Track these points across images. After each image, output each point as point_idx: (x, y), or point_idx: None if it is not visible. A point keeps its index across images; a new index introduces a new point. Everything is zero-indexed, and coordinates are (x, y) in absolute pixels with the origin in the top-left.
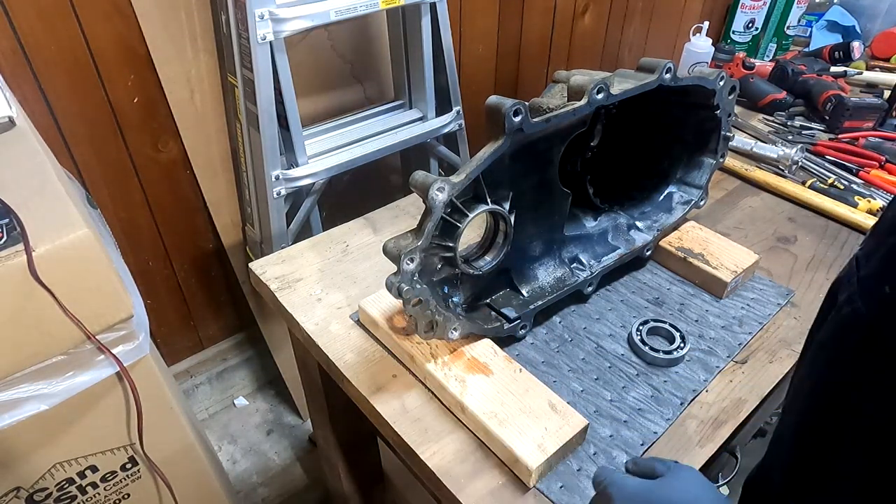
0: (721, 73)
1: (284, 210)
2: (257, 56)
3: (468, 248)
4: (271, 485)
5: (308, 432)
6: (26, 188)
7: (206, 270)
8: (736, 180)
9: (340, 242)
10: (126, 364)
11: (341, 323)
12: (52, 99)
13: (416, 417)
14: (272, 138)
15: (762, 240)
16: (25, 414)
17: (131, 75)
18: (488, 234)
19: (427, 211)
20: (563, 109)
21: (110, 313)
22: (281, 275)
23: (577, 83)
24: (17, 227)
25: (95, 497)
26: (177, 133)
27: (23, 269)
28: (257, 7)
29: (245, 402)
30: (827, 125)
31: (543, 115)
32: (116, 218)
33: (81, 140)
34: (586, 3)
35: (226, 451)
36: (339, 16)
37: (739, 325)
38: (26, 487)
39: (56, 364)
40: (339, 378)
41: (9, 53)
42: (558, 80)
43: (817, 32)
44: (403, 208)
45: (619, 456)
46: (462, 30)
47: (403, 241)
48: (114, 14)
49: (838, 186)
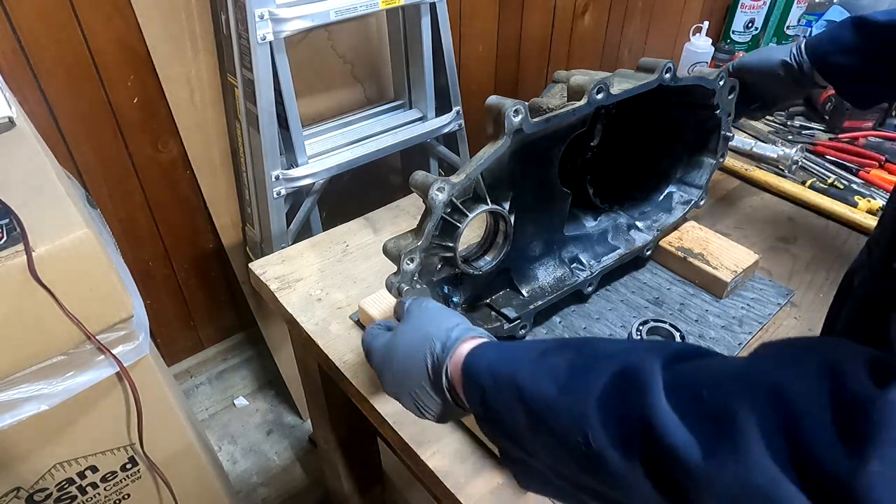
0: (721, 72)
1: (284, 210)
2: (257, 56)
3: (468, 248)
4: (271, 485)
5: (308, 432)
6: (26, 188)
7: (206, 270)
8: (736, 180)
9: (340, 242)
10: (126, 364)
11: (341, 323)
12: (52, 99)
13: (416, 417)
14: (272, 138)
15: (762, 240)
16: (25, 414)
17: (131, 75)
18: (488, 234)
19: (427, 211)
20: (562, 109)
21: (110, 313)
22: (281, 275)
23: (577, 83)
24: (17, 227)
25: (95, 497)
26: (177, 133)
27: (23, 269)
28: (257, 7)
29: (245, 402)
30: (827, 125)
31: (543, 115)
32: (116, 218)
33: (81, 140)
34: (586, 3)
35: (226, 451)
36: (339, 16)
37: (739, 325)
38: (26, 488)
39: (56, 364)
40: (339, 378)
41: (9, 53)
42: (558, 80)
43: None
44: (403, 208)
45: None
46: (462, 30)
47: (403, 241)
48: (114, 14)
49: (838, 186)
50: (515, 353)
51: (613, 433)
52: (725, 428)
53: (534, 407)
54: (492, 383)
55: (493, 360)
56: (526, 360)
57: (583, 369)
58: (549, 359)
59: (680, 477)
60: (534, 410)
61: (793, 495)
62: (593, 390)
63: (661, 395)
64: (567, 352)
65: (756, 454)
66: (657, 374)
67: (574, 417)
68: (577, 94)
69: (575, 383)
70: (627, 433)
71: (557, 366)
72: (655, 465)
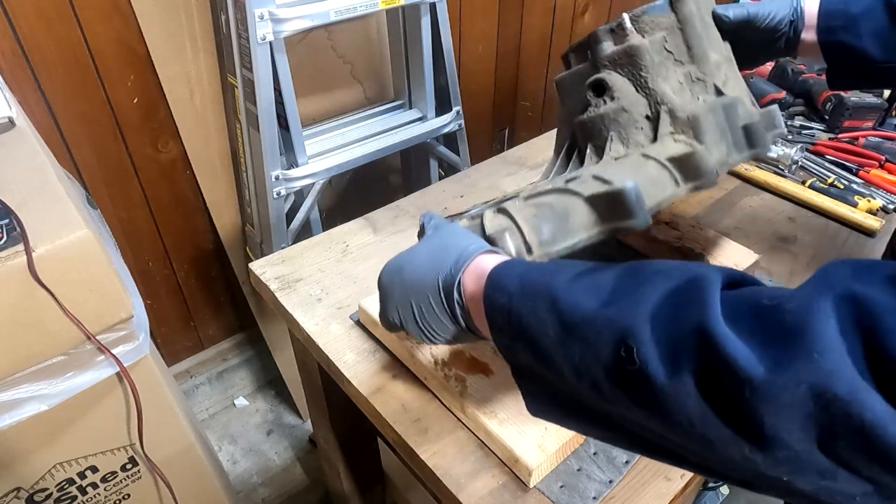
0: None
1: (284, 210)
2: (257, 56)
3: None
4: (271, 485)
5: (308, 432)
6: (26, 188)
7: (206, 270)
8: (736, 180)
9: (340, 242)
10: (126, 364)
11: (341, 323)
12: (52, 99)
13: (416, 417)
14: (272, 138)
15: (762, 240)
16: (26, 414)
17: (131, 75)
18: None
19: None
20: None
21: (110, 313)
22: (281, 275)
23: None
24: (17, 227)
25: (96, 497)
26: (177, 133)
27: (23, 270)
28: (257, 7)
29: (245, 403)
30: (827, 125)
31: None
32: (116, 218)
33: (81, 140)
34: (586, 3)
35: (226, 451)
36: (339, 16)
37: None
38: (26, 488)
39: (56, 364)
40: (339, 378)
41: (9, 54)
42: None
43: None
44: (403, 208)
45: (619, 455)
46: (462, 30)
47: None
48: (114, 14)
49: (838, 186)
50: (551, 267)
51: (664, 348)
52: (795, 338)
53: (569, 318)
54: (520, 290)
55: (525, 270)
56: (564, 273)
57: (633, 283)
58: (592, 274)
59: (740, 391)
60: (568, 322)
61: (871, 398)
62: (645, 303)
63: (718, 309)
64: (614, 269)
65: (834, 362)
66: (716, 290)
67: (618, 330)
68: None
69: (623, 296)
70: (680, 347)
71: (601, 280)
72: (710, 379)
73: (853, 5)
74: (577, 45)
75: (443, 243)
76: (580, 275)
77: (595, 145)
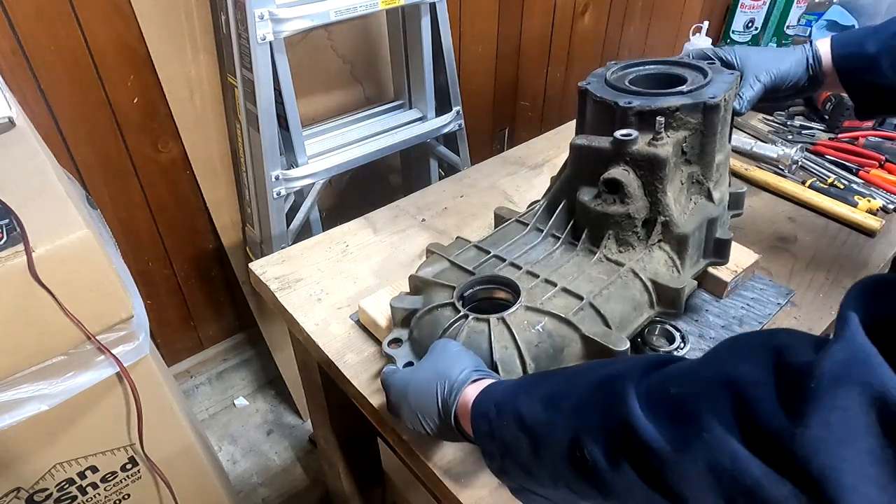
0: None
1: (284, 210)
2: (257, 56)
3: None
4: (271, 485)
5: (308, 432)
6: (26, 188)
7: (206, 271)
8: (736, 180)
9: (340, 242)
10: (126, 364)
11: (341, 323)
12: (52, 99)
13: None
14: (272, 138)
15: (762, 240)
16: (26, 414)
17: (131, 75)
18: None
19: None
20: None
21: (110, 313)
22: (281, 275)
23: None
24: (17, 227)
25: (96, 497)
26: (177, 133)
27: (23, 270)
28: (257, 7)
29: (245, 403)
30: (827, 125)
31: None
32: (116, 218)
33: (81, 140)
34: (586, 3)
35: (226, 451)
36: (339, 16)
37: (739, 325)
38: (26, 488)
39: (56, 364)
40: (339, 378)
41: (9, 53)
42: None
43: (817, 32)
44: (403, 208)
45: None
46: (462, 30)
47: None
48: (114, 14)
49: (838, 186)
50: (517, 388)
51: (601, 440)
52: (690, 421)
53: (533, 431)
54: (497, 416)
55: (498, 397)
56: (524, 392)
57: (566, 386)
58: (544, 385)
59: (659, 468)
60: (534, 434)
61: (748, 463)
62: (574, 403)
63: (634, 400)
64: (558, 375)
65: (717, 439)
66: (631, 383)
67: (567, 432)
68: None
69: (558, 401)
70: (612, 438)
71: (549, 389)
72: (640, 462)
73: (868, 45)
74: (601, 101)
75: (439, 372)
76: (538, 383)
77: (592, 234)
